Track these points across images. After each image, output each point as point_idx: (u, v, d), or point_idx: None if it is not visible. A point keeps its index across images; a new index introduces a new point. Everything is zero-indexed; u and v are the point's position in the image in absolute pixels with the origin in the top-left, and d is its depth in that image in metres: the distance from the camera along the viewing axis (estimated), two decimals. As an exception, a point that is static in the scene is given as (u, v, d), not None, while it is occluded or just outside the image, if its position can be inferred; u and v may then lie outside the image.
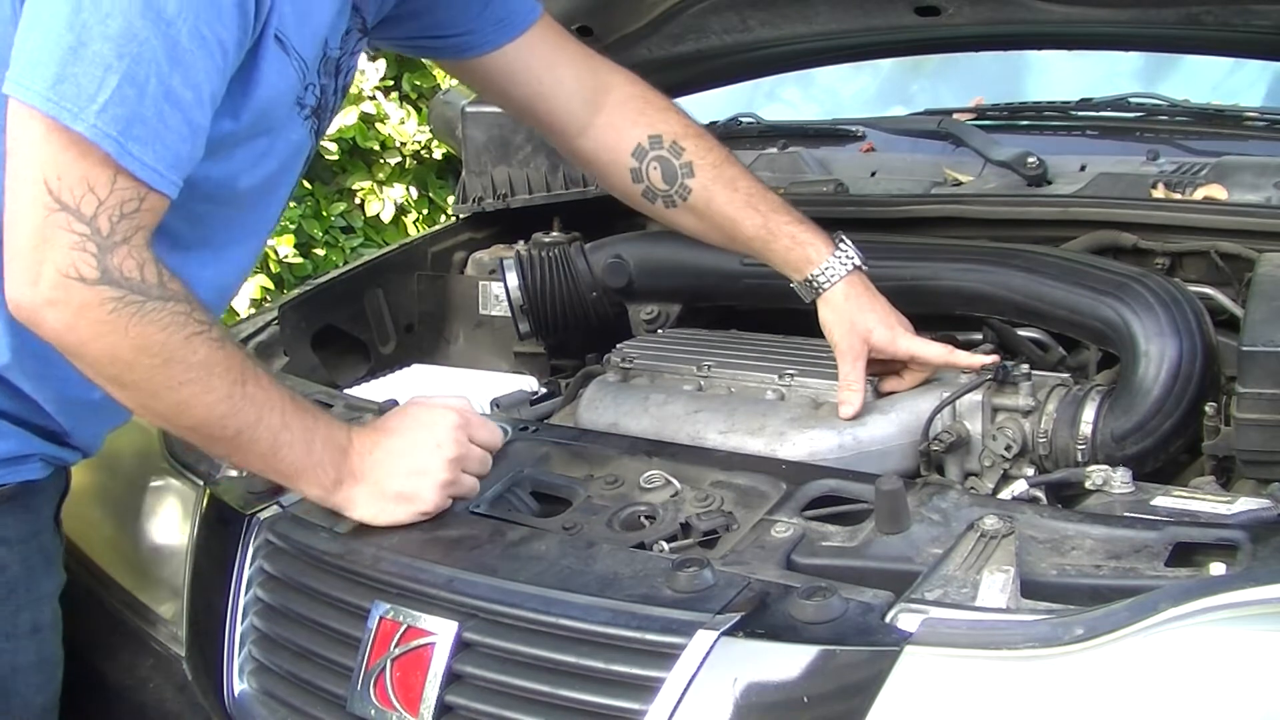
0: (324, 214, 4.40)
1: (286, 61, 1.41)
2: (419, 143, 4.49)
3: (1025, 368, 1.68)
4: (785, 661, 1.15)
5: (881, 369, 1.76)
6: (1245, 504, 1.32)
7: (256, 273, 4.18)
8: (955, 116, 2.42)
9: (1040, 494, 1.52)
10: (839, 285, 1.73)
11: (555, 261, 2.18)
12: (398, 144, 4.45)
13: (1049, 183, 2.12)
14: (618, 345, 1.99)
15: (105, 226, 1.26)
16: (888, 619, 1.16)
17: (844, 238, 1.77)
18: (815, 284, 1.74)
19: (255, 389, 1.38)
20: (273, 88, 1.40)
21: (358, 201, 4.54)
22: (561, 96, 1.79)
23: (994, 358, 1.70)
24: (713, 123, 2.71)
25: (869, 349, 1.71)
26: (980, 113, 2.52)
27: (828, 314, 1.74)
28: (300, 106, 1.49)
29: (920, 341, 1.73)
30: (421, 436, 1.47)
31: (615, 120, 1.81)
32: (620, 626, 1.22)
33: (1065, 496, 1.51)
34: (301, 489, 1.46)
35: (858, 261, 1.75)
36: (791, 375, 1.77)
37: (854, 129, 2.53)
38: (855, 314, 1.72)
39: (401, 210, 4.61)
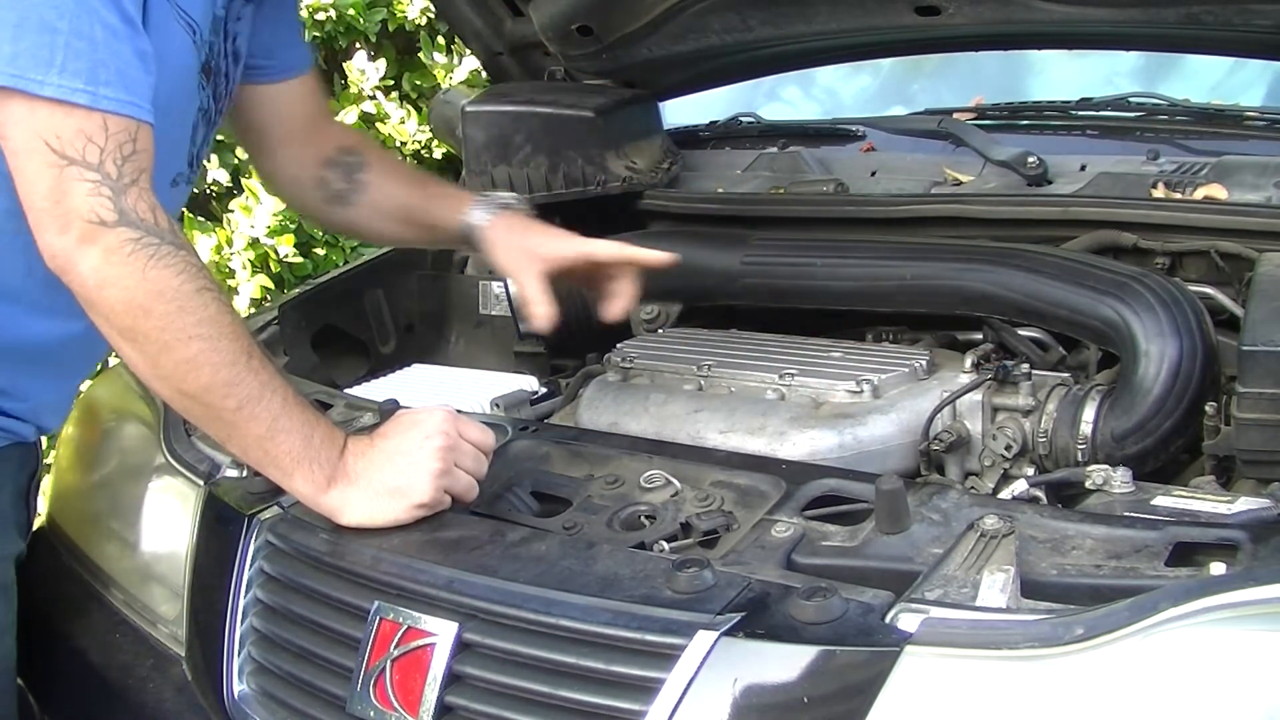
0: (324, 214, 4.39)
1: (172, 16, 1.48)
2: (419, 143, 4.49)
3: (1025, 368, 1.68)
4: (785, 662, 1.15)
5: (583, 281, 1.88)
6: (1245, 504, 1.32)
7: (256, 272, 4.18)
8: (955, 116, 2.41)
9: (1040, 494, 1.52)
10: (494, 223, 1.84)
11: (555, 261, 2.18)
12: (398, 144, 4.45)
13: (1049, 182, 2.12)
14: (618, 345, 2.00)
15: (113, 171, 1.34)
16: (888, 619, 1.16)
17: (498, 192, 1.95)
18: (472, 227, 1.85)
19: (259, 365, 1.42)
20: (165, 45, 1.47)
21: (358, 201, 4.53)
22: (284, 134, 1.90)
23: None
24: (713, 122, 2.72)
25: (541, 260, 1.80)
26: (980, 113, 2.51)
27: (491, 249, 1.85)
28: (198, 64, 1.58)
29: (590, 240, 1.85)
30: (411, 433, 1.48)
31: (312, 148, 1.91)
32: (620, 627, 1.22)
33: (1065, 496, 1.51)
34: (294, 485, 1.45)
35: (513, 203, 1.88)
36: (791, 375, 1.77)
37: (854, 129, 2.53)
38: (518, 238, 1.83)
39: (402, 210, 4.61)
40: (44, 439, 1.79)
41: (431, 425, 1.48)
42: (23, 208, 1.37)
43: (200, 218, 4.19)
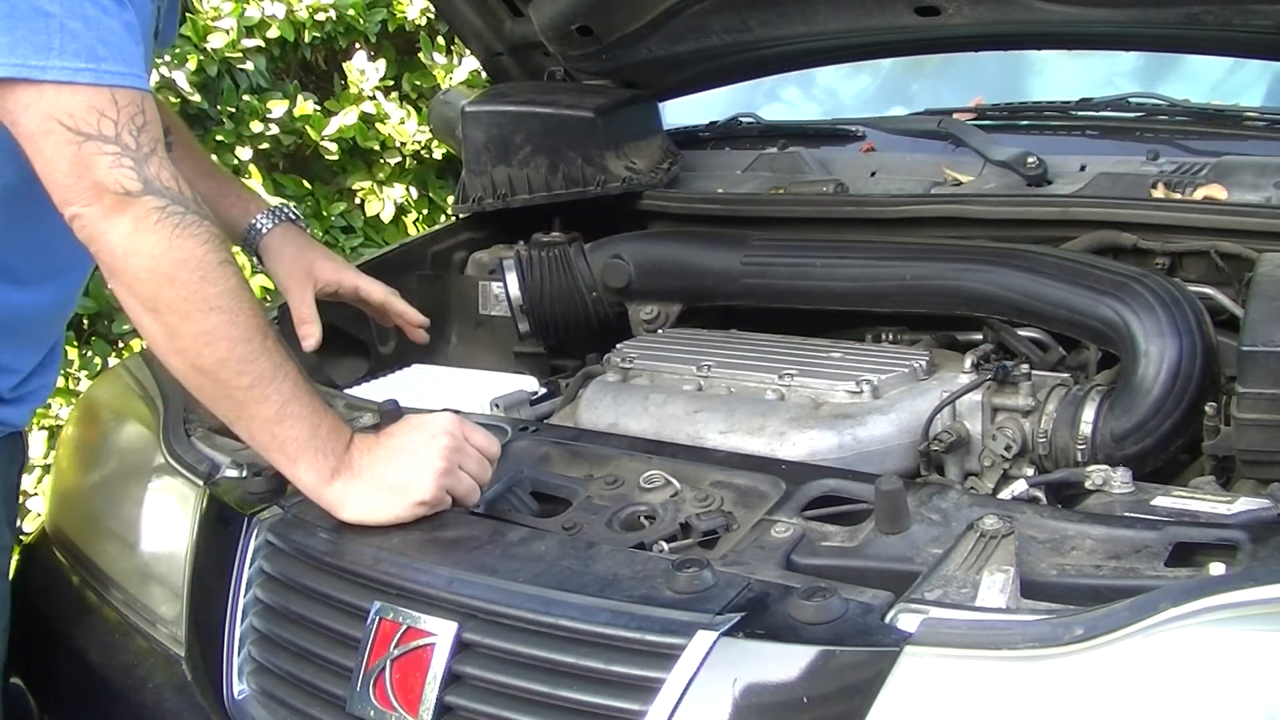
0: (324, 214, 4.39)
1: None
2: (419, 143, 4.48)
3: (1025, 368, 1.68)
4: (785, 662, 1.15)
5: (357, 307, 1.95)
6: (1245, 504, 1.32)
7: (256, 272, 4.18)
8: (955, 116, 2.42)
9: (1040, 494, 1.52)
10: (275, 231, 1.88)
11: (555, 261, 2.19)
12: (398, 144, 4.44)
13: (1049, 183, 2.12)
14: (618, 345, 2.00)
15: (131, 142, 1.35)
16: (888, 619, 1.16)
17: (285, 203, 1.96)
18: (254, 230, 1.89)
19: (274, 345, 1.43)
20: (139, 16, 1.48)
21: (358, 201, 4.53)
22: None
23: None
24: (713, 123, 2.72)
25: (315, 281, 1.86)
26: (980, 113, 2.51)
27: (269, 259, 1.88)
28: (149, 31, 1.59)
29: (366, 279, 1.91)
30: (417, 432, 1.49)
31: None
32: (620, 627, 1.22)
33: (1065, 496, 1.51)
34: (298, 473, 1.45)
35: (292, 216, 1.94)
36: (791, 375, 1.77)
37: (854, 129, 2.53)
38: (295, 253, 1.88)
39: (401, 210, 4.61)
40: (33, 435, 1.80)
41: (438, 426, 1.48)
42: (41, 186, 1.37)
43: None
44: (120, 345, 3.65)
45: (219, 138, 3.89)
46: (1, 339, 1.64)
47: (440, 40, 4.55)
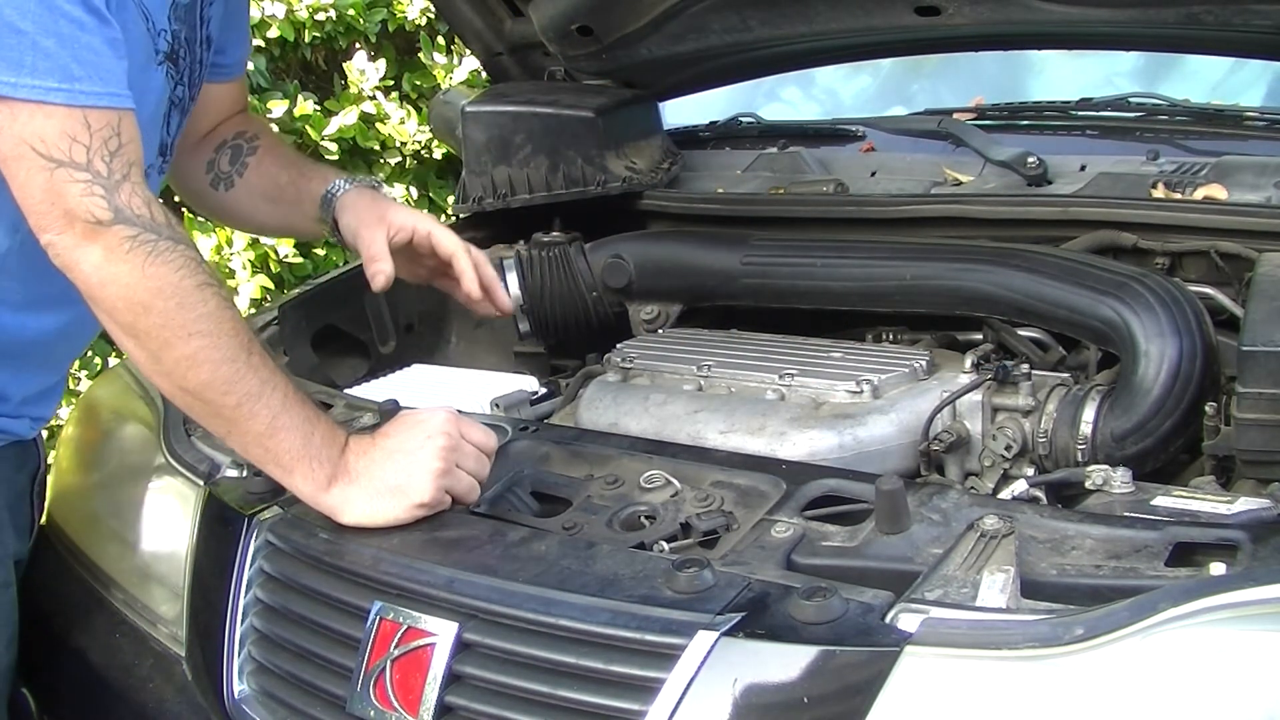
0: (324, 214, 4.40)
1: (129, 3, 1.47)
2: (419, 143, 4.48)
3: (1025, 368, 1.68)
4: (785, 662, 1.15)
5: (433, 272, 1.87)
6: (1245, 504, 1.32)
7: (256, 272, 4.18)
8: (955, 116, 2.42)
9: (1040, 494, 1.52)
10: (350, 192, 1.83)
11: (555, 261, 2.19)
12: (398, 144, 4.44)
13: (1049, 183, 2.12)
14: (618, 345, 2.00)
15: (103, 169, 1.33)
16: (888, 619, 1.17)
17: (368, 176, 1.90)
18: (330, 196, 1.83)
19: (260, 361, 1.42)
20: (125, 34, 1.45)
21: (358, 201, 4.55)
22: (204, 127, 1.88)
23: None
24: (713, 123, 2.72)
25: (388, 224, 1.78)
26: (980, 113, 2.52)
27: (343, 214, 1.82)
28: (156, 53, 1.56)
29: (442, 227, 1.83)
30: (413, 432, 1.48)
31: (215, 135, 1.90)
32: (620, 627, 1.22)
33: (1065, 496, 1.51)
34: (294, 483, 1.45)
35: (373, 184, 1.88)
36: (791, 375, 1.77)
37: (854, 129, 2.53)
38: (369, 204, 1.81)
39: (402, 210, 4.62)
40: (44, 434, 1.79)
41: (434, 425, 1.48)
42: (17, 209, 1.37)
43: (200, 218, 4.19)
44: (120, 345, 3.65)
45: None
46: (3, 363, 1.62)
47: (440, 40, 4.55)
